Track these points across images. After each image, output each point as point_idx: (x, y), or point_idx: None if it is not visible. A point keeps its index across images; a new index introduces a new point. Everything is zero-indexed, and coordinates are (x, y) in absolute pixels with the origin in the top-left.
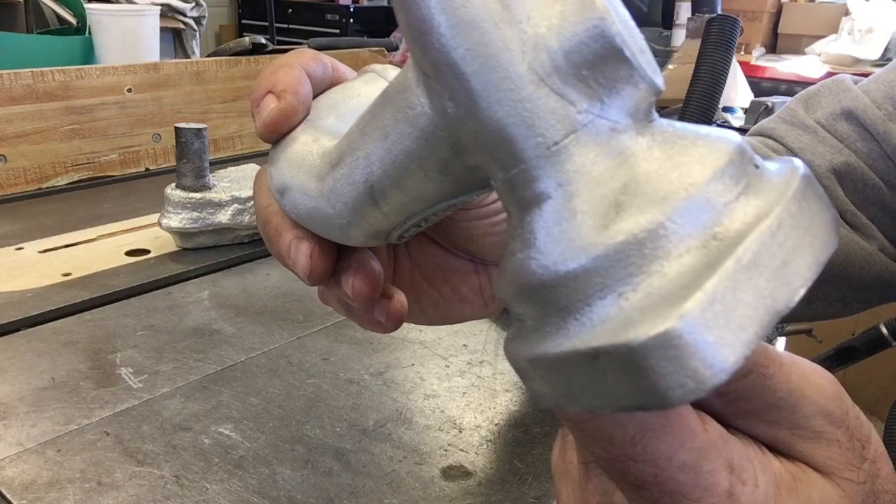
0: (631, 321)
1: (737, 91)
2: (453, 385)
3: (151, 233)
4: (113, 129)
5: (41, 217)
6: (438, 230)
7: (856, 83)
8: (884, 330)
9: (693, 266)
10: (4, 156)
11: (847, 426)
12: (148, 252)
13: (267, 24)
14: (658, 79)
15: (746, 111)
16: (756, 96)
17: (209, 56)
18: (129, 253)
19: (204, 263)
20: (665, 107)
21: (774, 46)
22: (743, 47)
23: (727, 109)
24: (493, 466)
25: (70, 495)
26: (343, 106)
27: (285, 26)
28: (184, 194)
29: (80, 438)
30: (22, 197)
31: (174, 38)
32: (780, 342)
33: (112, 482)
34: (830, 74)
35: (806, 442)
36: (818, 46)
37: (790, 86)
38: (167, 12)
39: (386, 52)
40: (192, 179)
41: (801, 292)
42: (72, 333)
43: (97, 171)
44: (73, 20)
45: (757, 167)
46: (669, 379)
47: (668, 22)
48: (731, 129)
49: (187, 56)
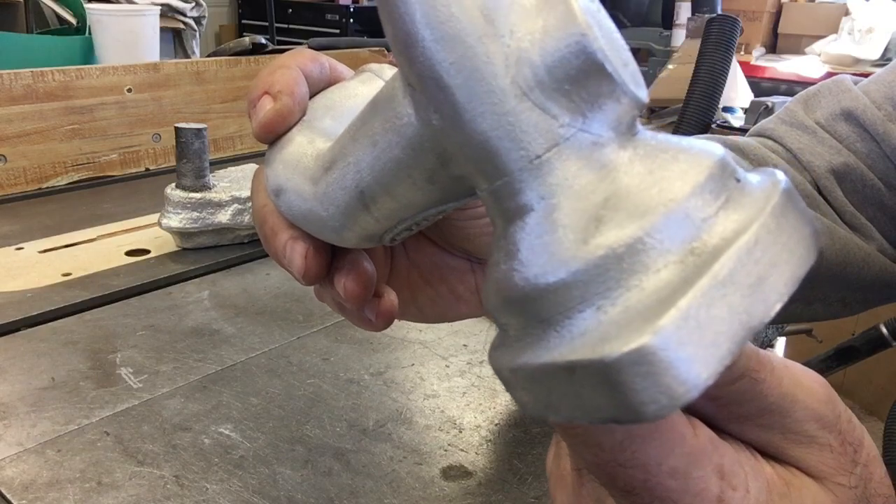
0: (607, 336)
1: (737, 91)
2: (453, 385)
3: (151, 233)
4: (113, 129)
5: (41, 217)
6: (435, 229)
7: (856, 83)
8: (884, 330)
9: (670, 281)
10: (4, 156)
11: (839, 430)
12: (148, 252)
13: (267, 24)
14: (641, 92)
15: (746, 111)
16: (756, 96)
17: (209, 56)
18: (129, 253)
19: (204, 263)
20: (665, 107)
21: (774, 46)
22: (743, 47)
23: (727, 109)
24: (493, 466)
25: (70, 495)
26: (339, 106)
27: (285, 26)
28: (184, 194)
29: (80, 438)
30: (22, 197)
31: (174, 38)
32: (781, 342)
33: (112, 482)
34: (830, 74)
35: (798, 447)
36: (818, 46)
37: (790, 86)
38: (167, 12)
39: (385, 52)
40: (192, 179)
41: (777, 307)
42: (72, 333)
43: (97, 171)
44: (73, 20)
45: (738, 181)
46: (643, 394)
47: (668, 22)
48: (731, 130)
49: (187, 56)
